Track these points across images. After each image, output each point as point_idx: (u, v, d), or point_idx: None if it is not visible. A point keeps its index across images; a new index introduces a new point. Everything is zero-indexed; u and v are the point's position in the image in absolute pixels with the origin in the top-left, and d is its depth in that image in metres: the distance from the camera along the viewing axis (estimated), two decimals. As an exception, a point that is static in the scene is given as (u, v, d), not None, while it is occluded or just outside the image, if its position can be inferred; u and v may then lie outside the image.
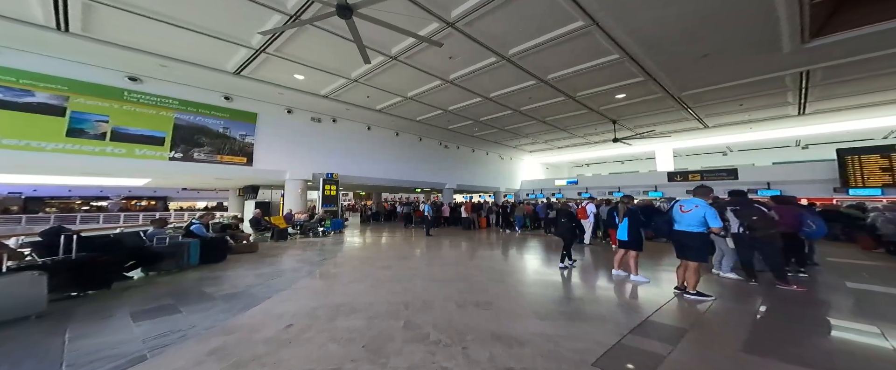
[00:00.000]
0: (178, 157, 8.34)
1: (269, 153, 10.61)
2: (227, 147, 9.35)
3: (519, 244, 8.41)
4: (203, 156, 8.81)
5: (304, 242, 8.42)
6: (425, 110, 12.51)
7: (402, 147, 15.64)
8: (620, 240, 4.61)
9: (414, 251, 7.15)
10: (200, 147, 8.79)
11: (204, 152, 8.83)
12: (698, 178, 14.23)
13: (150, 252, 4.88)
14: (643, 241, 4.56)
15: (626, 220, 4.55)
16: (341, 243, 8.33)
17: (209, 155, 8.94)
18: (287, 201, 10.97)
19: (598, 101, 10.61)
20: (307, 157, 11.82)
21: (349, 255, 6.53)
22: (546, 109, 11.92)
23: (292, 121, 11.62)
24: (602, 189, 18.49)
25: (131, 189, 25.86)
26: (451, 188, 17.93)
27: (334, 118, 13.02)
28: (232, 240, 6.51)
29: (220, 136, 9.23)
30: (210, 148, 8.98)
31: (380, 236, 10.37)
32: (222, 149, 9.22)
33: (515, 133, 15.95)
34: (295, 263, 5.81)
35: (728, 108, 10.72)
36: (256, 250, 6.78)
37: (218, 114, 9.31)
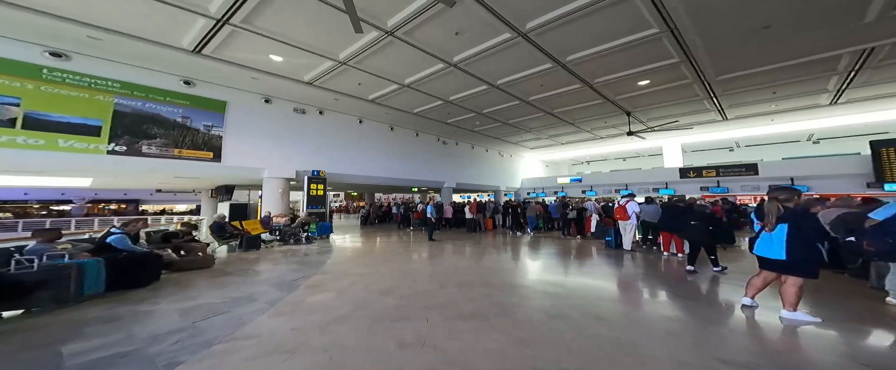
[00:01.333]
0: (120, 151, 6.74)
1: (243, 148, 9.07)
2: (188, 139, 7.79)
3: (549, 251, 7.08)
4: (155, 149, 7.23)
5: (282, 252, 6.98)
6: (424, 101, 11.19)
7: (398, 143, 14.28)
8: (777, 261, 2.92)
9: (419, 263, 5.76)
10: (151, 139, 7.21)
11: (156, 145, 7.25)
12: (714, 174, 13.44)
13: (6, 282, 3.12)
14: (816, 264, 2.91)
15: (785, 229, 2.89)
16: (328, 252, 6.93)
17: (163, 148, 7.37)
18: (265, 203, 9.47)
19: (616, 89, 9.52)
20: (289, 152, 10.32)
21: (335, 271, 5.10)
22: (557, 99, 10.78)
23: (271, 111, 10.10)
24: (608, 187, 17.59)
25: (97, 191, 23.51)
26: (449, 187, 16.69)
27: (321, 110, 11.54)
28: (175, 254, 4.98)
29: (177, 127, 7.66)
30: (164, 140, 7.40)
31: (374, 242, 8.96)
32: (181, 141, 7.65)
33: (519, 127, 14.80)
34: (257, 286, 4.24)
35: (757, 97, 9.81)
36: (212, 264, 5.29)
37: (175, 101, 7.73)
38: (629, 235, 6.52)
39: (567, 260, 6.00)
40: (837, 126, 12.14)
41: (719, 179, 13.37)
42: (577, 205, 8.88)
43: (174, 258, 4.79)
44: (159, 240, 5.13)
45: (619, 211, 6.53)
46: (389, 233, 11.23)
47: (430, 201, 9.15)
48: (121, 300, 3.62)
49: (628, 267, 5.23)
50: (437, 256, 6.40)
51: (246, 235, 7.04)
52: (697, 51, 6.82)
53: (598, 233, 8.48)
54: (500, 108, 11.85)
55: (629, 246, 6.53)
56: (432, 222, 8.88)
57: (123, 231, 4.25)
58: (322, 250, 7.23)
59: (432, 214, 8.94)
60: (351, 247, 7.85)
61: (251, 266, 5.47)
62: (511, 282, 4.33)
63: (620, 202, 6.63)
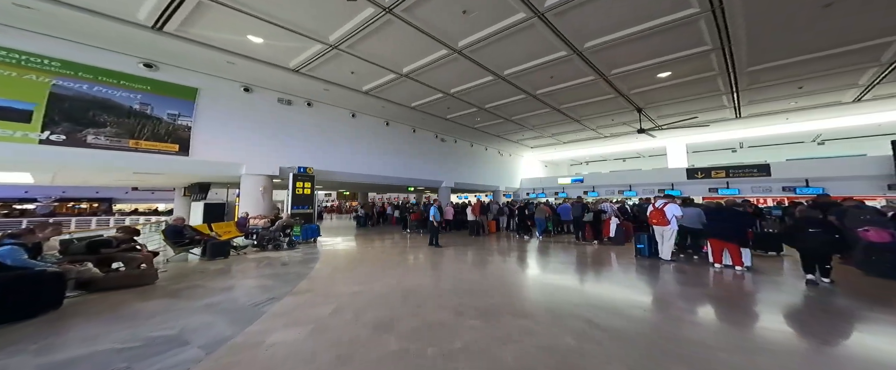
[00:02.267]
0: (57, 141, 5.56)
1: (217, 141, 7.92)
2: (148, 130, 6.63)
3: (573, 259, 6.12)
4: (104, 140, 6.06)
5: (256, 261, 5.81)
6: (423, 93, 10.23)
7: (394, 139, 13.28)
8: None
9: (422, 276, 4.68)
10: (100, 127, 6.04)
11: (105, 135, 6.08)
12: (723, 174, 12.91)
13: None
14: None
15: None
16: (312, 261, 5.80)
17: (115, 139, 6.20)
18: (244, 203, 8.36)
19: (632, 81, 8.74)
20: (273, 147, 9.21)
21: (317, 288, 4.01)
22: (565, 94, 9.97)
23: (252, 101, 8.97)
24: (610, 187, 16.97)
25: (65, 189, 21.67)
26: (447, 187, 15.79)
27: (309, 101, 10.46)
28: (101, 268, 3.85)
29: (135, 115, 6.49)
30: (117, 129, 6.23)
31: (368, 247, 7.92)
32: (138, 131, 6.48)
33: (522, 124, 13.99)
34: (200, 315, 3.09)
35: (780, 93, 9.18)
36: (154, 280, 4.16)
37: (132, 85, 6.55)
38: (669, 243, 5.60)
39: (605, 272, 4.97)
40: (850, 126, 11.71)
41: (729, 180, 12.86)
42: (594, 207, 8.03)
43: (94, 274, 3.64)
44: (82, 250, 3.94)
45: (657, 215, 5.60)
46: (384, 237, 10.22)
47: (434, 202, 8.07)
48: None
49: (698, 284, 4.17)
50: (444, 266, 5.36)
51: (211, 241, 5.90)
52: (737, 35, 6.05)
53: (618, 237, 7.70)
54: (505, 102, 10.99)
55: (668, 255, 5.60)
56: (436, 226, 7.80)
57: (17, 242, 3.12)
58: (306, 258, 6.12)
59: (435, 217, 7.82)
60: (341, 253, 6.77)
61: (208, 281, 4.31)
62: (551, 308, 3.29)
63: (657, 205, 5.74)
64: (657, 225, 5.64)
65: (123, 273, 3.94)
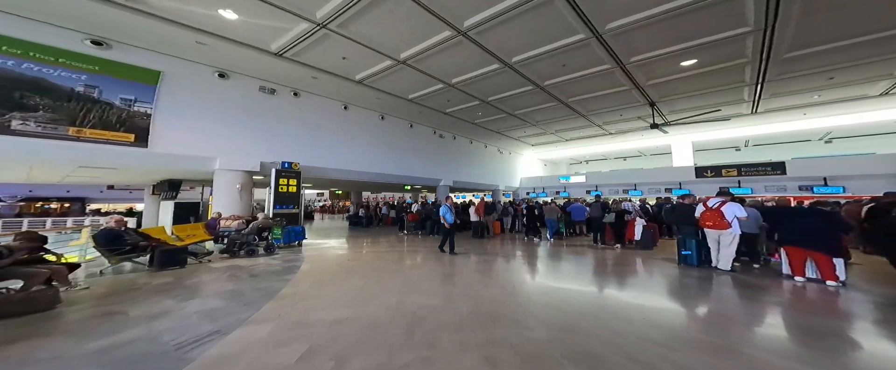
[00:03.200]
0: (-34, 126, 4.51)
1: (184, 131, 6.86)
2: (94, 116, 5.54)
3: (609, 268, 5.21)
4: (34, 126, 4.98)
5: (219, 271, 4.71)
6: (422, 83, 9.32)
7: (389, 134, 12.34)
8: None
9: (431, 294, 3.61)
10: (29, 111, 4.96)
11: (37, 120, 5.00)
12: (735, 173, 12.35)
13: None
14: None
15: None
16: (290, 271, 4.76)
17: (50, 125, 5.12)
18: (217, 202, 7.33)
19: (652, 70, 7.99)
20: (252, 140, 8.18)
21: (285, 315, 2.96)
22: (576, 85, 9.19)
23: (228, 89, 7.92)
24: (614, 186, 16.35)
25: (33, 188, 20.00)
26: (446, 185, 14.92)
27: (296, 91, 9.44)
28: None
29: (78, 99, 5.41)
30: (53, 115, 5.15)
31: (360, 252, 6.95)
32: (82, 118, 5.40)
33: (525, 120, 13.20)
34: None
35: (808, 85, 8.51)
36: (54, 304, 3.07)
37: (75, 64, 5.46)
38: (729, 251, 4.54)
39: (660, 289, 3.94)
40: (863, 124, 11.25)
41: (741, 179, 12.31)
42: (616, 207, 7.20)
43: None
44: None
45: (713, 216, 4.56)
46: (380, 239, 9.28)
47: (446, 200, 7.00)
48: None
49: (800, 308, 3.26)
50: (456, 278, 4.39)
51: (159, 248, 4.78)
52: (789, 12, 5.29)
53: (645, 241, 6.81)
54: (510, 94, 10.16)
55: (728, 265, 4.56)
56: (448, 229, 6.49)
57: None
58: (284, 266, 5.08)
59: (449, 218, 6.50)
60: (328, 260, 5.78)
61: (136, 304, 3.22)
62: (628, 350, 2.28)
63: (710, 204, 4.71)
64: (712, 228, 4.64)
65: (4, 297, 2.87)
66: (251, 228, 5.88)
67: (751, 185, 12.13)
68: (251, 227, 5.90)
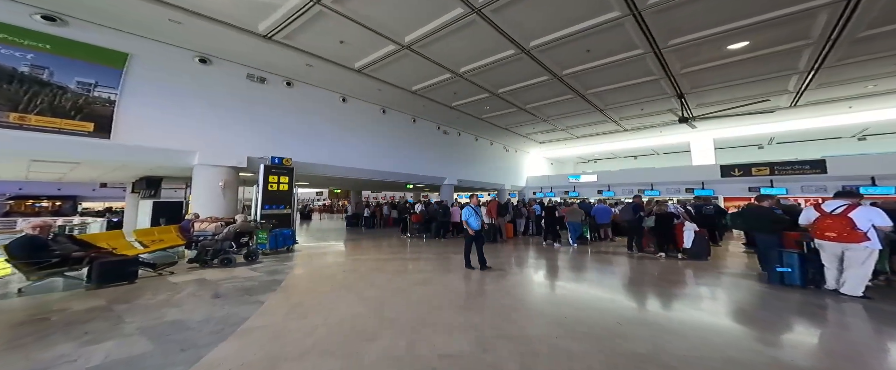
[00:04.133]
0: None
1: (156, 121, 5.96)
2: (44, 101, 4.66)
3: (677, 286, 4.15)
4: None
5: (173, 290, 3.72)
6: (427, 73, 8.41)
7: (391, 129, 11.44)
8: None
9: (467, 339, 2.46)
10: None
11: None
12: (767, 171, 11.37)
13: None
14: None
15: None
16: (266, 289, 3.79)
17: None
18: (196, 201, 6.45)
19: (690, 56, 6.99)
20: (239, 132, 7.29)
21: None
22: (599, 74, 8.24)
23: (211, 76, 7.03)
24: (628, 186, 15.41)
25: (23, 185, 19.21)
26: (450, 184, 14.05)
27: (289, 80, 8.54)
28: None
29: (22, 81, 4.53)
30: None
31: (360, 261, 5.76)
32: (28, 102, 4.52)
33: (535, 114, 12.27)
34: None
35: (868, 72, 7.41)
36: None
37: (18, 41, 4.57)
38: (863, 271, 3.36)
39: (778, 324, 2.85)
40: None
41: (773, 178, 11.34)
42: (660, 210, 5.99)
43: None
44: None
45: (838, 224, 3.40)
46: (381, 242, 8.39)
47: (472, 199, 5.45)
48: None
49: None
50: (483, 304, 3.30)
51: (99, 260, 3.76)
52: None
53: (698, 249, 5.63)
54: (523, 85, 9.23)
55: (860, 289, 3.37)
56: (479, 236, 5.03)
57: None
58: (261, 281, 4.12)
59: (474, 222, 5.06)
60: (318, 272, 4.84)
61: (13, 351, 2.26)
62: None
63: (831, 208, 3.56)
64: (836, 241, 3.45)
65: None
66: (226, 233, 4.97)
67: (785, 185, 11.16)
68: (226, 232, 4.98)
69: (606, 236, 8.09)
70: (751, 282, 4.21)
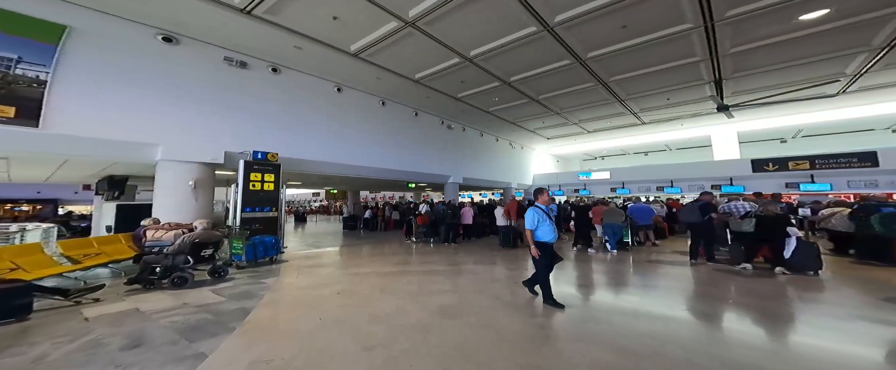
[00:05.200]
0: None
1: (105, 107, 4.84)
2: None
3: (841, 321, 2.83)
4: None
5: (65, 336, 2.53)
6: (433, 57, 7.37)
7: (391, 123, 10.39)
8: None
9: None
10: None
11: None
12: (806, 165, 10.40)
13: None
14: None
15: None
16: (205, 339, 2.50)
17: None
18: (160, 205, 5.33)
19: (747, 31, 5.89)
20: (214, 123, 6.20)
21: None
22: (629, 57, 7.20)
23: (178, 57, 5.91)
24: (645, 183, 14.47)
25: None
26: (455, 183, 13.03)
27: (274, 66, 7.45)
28: None
29: None
30: None
31: (356, 281, 4.40)
32: None
33: (547, 107, 11.27)
34: None
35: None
36: None
37: None
38: None
39: None
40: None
41: (814, 173, 10.38)
42: (767, 211, 4.50)
43: None
44: None
45: None
46: (384, 249, 7.31)
47: (536, 196, 3.56)
48: None
49: None
50: (556, 353, 2.26)
51: None
52: None
53: (806, 262, 4.21)
54: (540, 72, 8.20)
55: None
56: (549, 259, 3.31)
57: None
58: (220, 313, 3.05)
59: (540, 234, 3.31)
60: (303, 293, 3.76)
61: None
62: None
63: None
64: None
65: None
66: (179, 244, 3.86)
67: (829, 180, 10.19)
68: (179, 243, 3.86)
69: (646, 240, 7.05)
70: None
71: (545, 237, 3.26)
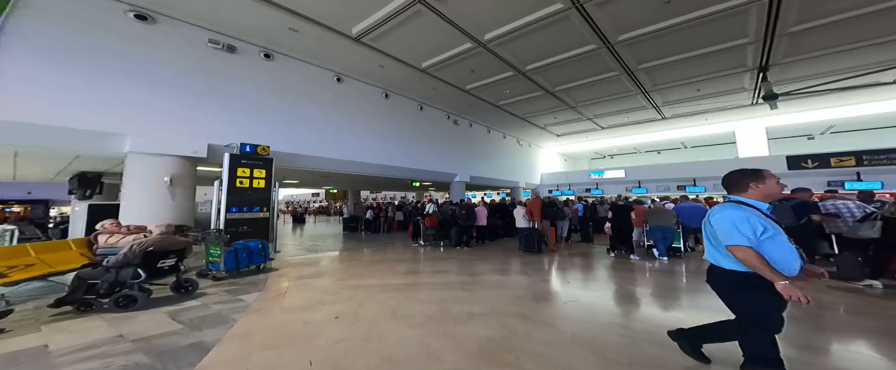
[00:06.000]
0: None
1: (63, 90, 4.10)
2: None
3: None
4: None
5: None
6: (444, 41, 6.61)
7: (394, 117, 9.64)
8: None
9: None
10: None
11: None
12: (852, 162, 9.50)
13: None
14: None
15: None
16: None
17: None
18: (130, 205, 4.57)
19: (814, 6, 5.15)
20: (195, 113, 5.42)
21: None
22: (666, 40, 6.40)
23: (153, 37, 5.14)
24: (665, 183, 13.62)
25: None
26: (461, 182, 12.26)
27: (267, 51, 6.70)
28: None
29: None
30: None
31: (357, 299, 3.44)
32: None
33: (562, 100, 10.49)
34: None
35: None
36: None
37: None
38: None
39: None
40: None
41: (861, 170, 9.52)
42: None
43: None
44: None
45: None
46: (387, 256, 6.48)
47: (758, 185, 1.74)
48: None
49: None
50: None
51: None
52: None
53: None
54: (559, 60, 7.43)
55: None
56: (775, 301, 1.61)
57: None
58: (164, 354, 2.17)
59: (781, 262, 1.60)
60: (290, 319, 2.90)
61: None
62: None
63: None
64: None
65: None
66: (125, 255, 2.94)
67: (879, 178, 9.33)
68: (125, 253, 2.95)
69: (697, 245, 5.95)
70: None
71: (786, 265, 1.61)
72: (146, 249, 2.99)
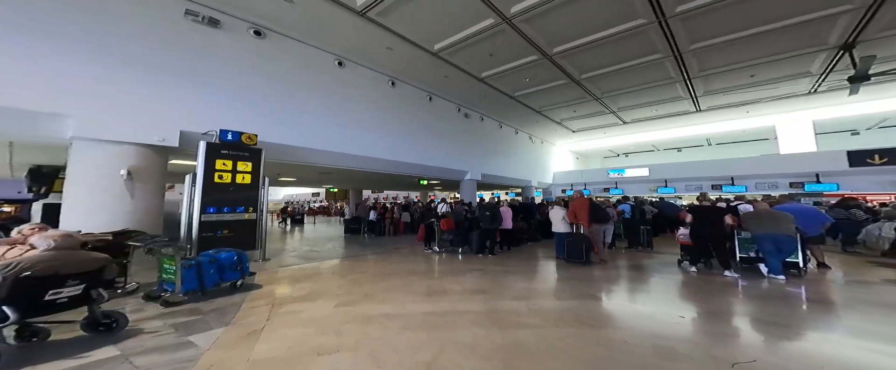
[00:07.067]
0: None
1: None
2: None
3: None
4: None
5: None
6: (463, 17, 5.63)
7: (402, 108, 8.66)
8: None
9: None
10: None
11: None
12: None
13: None
14: None
15: None
16: None
17: None
18: (70, 203, 3.57)
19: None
20: (164, 93, 4.42)
21: None
22: (734, 11, 5.33)
23: (114, 4, 4.15)
24: (696, 181, 12.49)
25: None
26: (472, 180, 11.27)
27: (257, 27, 5.71)
28: None
29: None
30: None
31: (376, 343, 2.45)
32: None
33: (586, 90, 9.46)
34: None
35: None
36: None
37: None
38: None
39: None
40: None
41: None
42: None
43: None
44: None
45: None
46: (400, 267, 5.40)
47: None
48: None
49: None
50: None
51: None
52: None
53: None
54: (594, 40, 6.41)
55: None
56: None
57: None
58: None
59: None
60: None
61: None
62: None
63: None
64: None
65: None
66: (12, 274, 1.88)
67: None
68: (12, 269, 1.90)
69: (815, 260, 4.31)
70: None
71: None
72: (18, 276, 1.92)
